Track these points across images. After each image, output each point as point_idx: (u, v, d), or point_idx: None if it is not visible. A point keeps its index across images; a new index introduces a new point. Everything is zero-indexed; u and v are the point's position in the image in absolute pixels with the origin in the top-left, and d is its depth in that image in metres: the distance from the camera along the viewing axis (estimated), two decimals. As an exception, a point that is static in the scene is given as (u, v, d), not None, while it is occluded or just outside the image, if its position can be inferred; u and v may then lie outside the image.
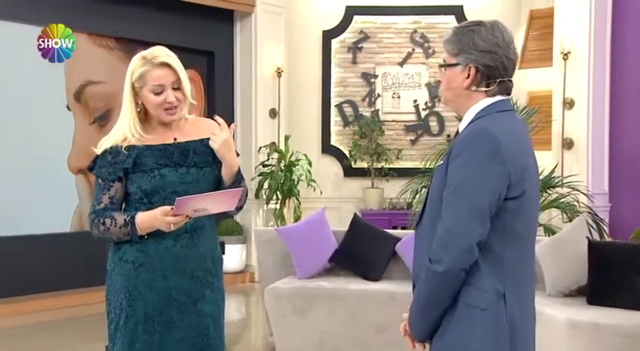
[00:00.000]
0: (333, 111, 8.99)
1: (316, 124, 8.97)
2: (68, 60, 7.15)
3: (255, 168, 8.31)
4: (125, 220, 2.41)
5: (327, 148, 8.96)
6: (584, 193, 6.59)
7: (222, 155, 2.47)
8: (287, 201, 8.26)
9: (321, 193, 8.43)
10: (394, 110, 8.91)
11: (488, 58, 1.99)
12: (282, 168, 8.25)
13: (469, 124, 2.01)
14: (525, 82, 8.16)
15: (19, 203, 6.83)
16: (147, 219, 2.39)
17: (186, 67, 2.54)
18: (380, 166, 8.64)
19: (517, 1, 8.73)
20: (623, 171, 7.44)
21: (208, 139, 2.51)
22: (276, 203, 8.24)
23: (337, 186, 8.85)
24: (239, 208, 2.55)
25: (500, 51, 1.99)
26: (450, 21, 8.77)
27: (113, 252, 2.52)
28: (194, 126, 2.57)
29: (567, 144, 7.47)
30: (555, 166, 6.91)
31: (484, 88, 2.02)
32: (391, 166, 8.66)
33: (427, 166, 7.68)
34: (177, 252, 2.45)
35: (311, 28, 8.92)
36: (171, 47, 2.59)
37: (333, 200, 8.52)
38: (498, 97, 2.03)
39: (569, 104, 7.47)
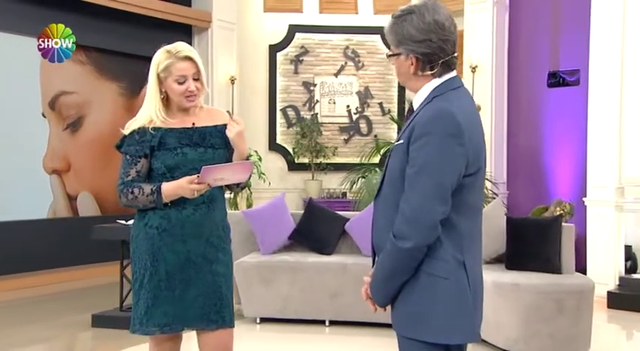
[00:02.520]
0: (279, 114, 8.97)
1: (264, 125, 8.93)
2: (43, 72, 6.97)
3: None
4: (152, 189, 2.41)
5: (274, 146, 8.95)
6: (491, 182, 6.87)
7: (236, 143, 2.49)
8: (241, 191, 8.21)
9: (270, 184, 8.43)
10: (330, 114, 8.97)
11: (424, 46, 1.83)
12: (236, 162, 8.17)
13: (426, 103, 1.85)
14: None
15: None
16: (172, 188, 2.40)
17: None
18: (319, 162, 8.70)
19: None
20: (518, 164, 7.72)
21: (222, 125, 2.54)
22: (231, 193, 8.18)
23: (282, 178, 8.87)
24: (244, 184, 2.58)
25: (435, 36, 1.82)
26: (376, 39, 8.90)
27: (138, 219, 2.50)
28: (208, 114, 2.58)
29: (475, 142, 7.73)
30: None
31: (430, 72, 1.86)
32: (328, 161, 8.71)
33: (362, 162, 7.87)
34: (196, 219, 2.46)
35: (259, 42, 8.89)
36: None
37: (279, 190, 8.43)
38: (447, 76, 1.87)
39: (477, 109, 7.77)
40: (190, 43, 8.51)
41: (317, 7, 8.95)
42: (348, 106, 8.98)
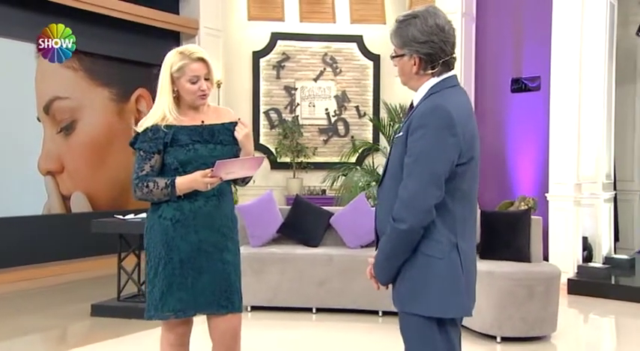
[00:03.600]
0: (262, 116, 8.95)
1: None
2: (38, 77, 6.86)
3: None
4: (166, 183, 2.40)
5: (257, 146, 8.83)
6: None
7: (244, 144, 2.51)
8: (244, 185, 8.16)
9: (254, 182, 8.35)
10: (310, 116, 8.99)
11: (427, 47, 1.89)
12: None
13: (424, 99, 1.90)
14: (411, 96, 8.47)
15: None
16: (186, 181, 2.39)
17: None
18: (300, 161, 8.70)
19: None
20: (485, 162, 7.67)
21: (229, 123, 2.54)
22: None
23: (265, 177, 8.83)
24: (248, 180, 2.59)
25: (436, 38, 1.88)
26: (353, 47, 8.98)
27: (152, 211, 2.49)
28: (216, 112, 2.58)
29: (446, 143, 7.80)
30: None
31: (431, 71, 1.92)
32: (309, 160, 8.73)
33: (341, 161, 7.90)
34: (207, 211, 2.46)
35: (244, 49, 8.86)
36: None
37: (263, 188, 8.44)
38: (445, 75, 1.93)
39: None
40: (178, 50, 8.52)
41: (298, 16, 8.96)
42: (326, 109, 9.01)
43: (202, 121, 2.50)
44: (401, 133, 1.89)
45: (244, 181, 2.60)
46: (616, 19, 6.99)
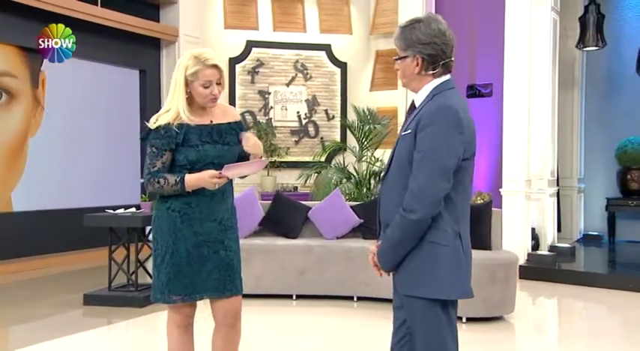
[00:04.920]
0: (237, 118, 8.91)
1: (225, 128, 8.83)
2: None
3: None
4: (176, 180, 2.39)
5: (233, 146, 8.88)
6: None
7: (252, 152, 2.50)
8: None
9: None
10: (283, 119, 8.97)
11: (429, 48, 1.89)
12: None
13: (428, 99, 1.90)
14: (375, 101, 8.54)
15: None
16: (194, 179, 2.39)
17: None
18: (273, 160, 8.64)
19: (367, 44, 9.04)
20: None
21: (234, 122, 2.55)
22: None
23: (241, 174, 8.83)
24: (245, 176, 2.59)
25: (438, 40, 1.89)
26: (322, 55, 8.99)
27: (160, 203, 2.48)
28: (223, 112, 2.56)
29: (408, 143, 7.94)
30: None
31: (431, 71, 1.92)
32: (282, 159, 8.68)
33: (313, 160, 7.94)
34: (212, 205, 2.47)
35: (220, 55, 8.37)
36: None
37: (239, 185, 8.25)
38: (444, 78, 1.93)
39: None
40: (159, 55, 8.40)
41: (271, 26, 8.94)
42: (298, 112, 9.01)
43: (211, 121, 2.50)
44: (409, 131, 1.87)
45: (245, 177, 2.61)
46: (558, 33, 7.25)
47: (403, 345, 2.00)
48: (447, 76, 1.95)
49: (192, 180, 2.39)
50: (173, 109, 2.42)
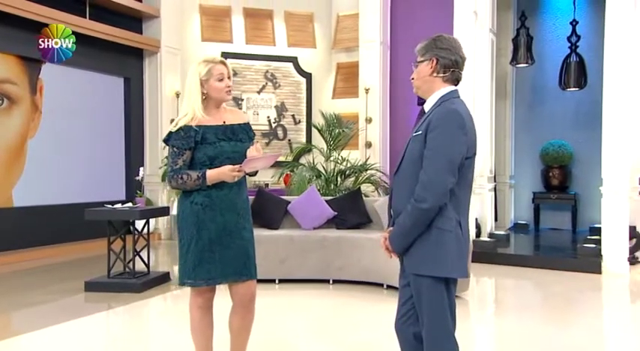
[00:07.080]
0: (214, 122, 8.81)
1: (202, 130, 8.72)
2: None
3: (162, 160, 7.94)
4: (197, 175, 2.39)
5: (210, 147, 8.78)
6: (385, 174, 7.25)
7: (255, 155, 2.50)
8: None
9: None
10: (255, 123, 8.87)
11: (445, 53, 1.94)
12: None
13: (437, 105, 1.93)
14: (338, 107, 8.61)
15: None
16: (215, 174, 2.39)
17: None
18: (246, 159, 8.69)
19: (328, 57, 9.11)
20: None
21: (244, 123, 2.56)
22: (177, 185, 7.93)
23: (217, 172, 8.74)
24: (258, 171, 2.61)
25: (454, 50, 1.95)
26: (289, 66, 9.02)
27: (184, 197, 2.47)
28: (232, 114, 2.57)
29: (368, 144, 7.97)
30: (367, 159, 7.51)
31: (442, 75, 1.94)
32: (254, 159, 8.71)
33: (285, 160, 7.96)
34: (231, 197, 2.47)
35: None
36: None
37: None
38: (451, 87, 1.96)
39: (369, 120, 8.05)
40: (142, 64, 8.22)
41: (244, 39, 8.89)
42: (268, 117, 8.99)
43: (224, 122, 2.51)
44: (419, 132, 1.92)
45: (256, 172, 2.64)
46: (495, 51, 7.57)
47: (407, 319, 2.07)
48: (454, 87, 2.00)
49: (213, 174, 2.40)
50: (190, 112, 2.43)
